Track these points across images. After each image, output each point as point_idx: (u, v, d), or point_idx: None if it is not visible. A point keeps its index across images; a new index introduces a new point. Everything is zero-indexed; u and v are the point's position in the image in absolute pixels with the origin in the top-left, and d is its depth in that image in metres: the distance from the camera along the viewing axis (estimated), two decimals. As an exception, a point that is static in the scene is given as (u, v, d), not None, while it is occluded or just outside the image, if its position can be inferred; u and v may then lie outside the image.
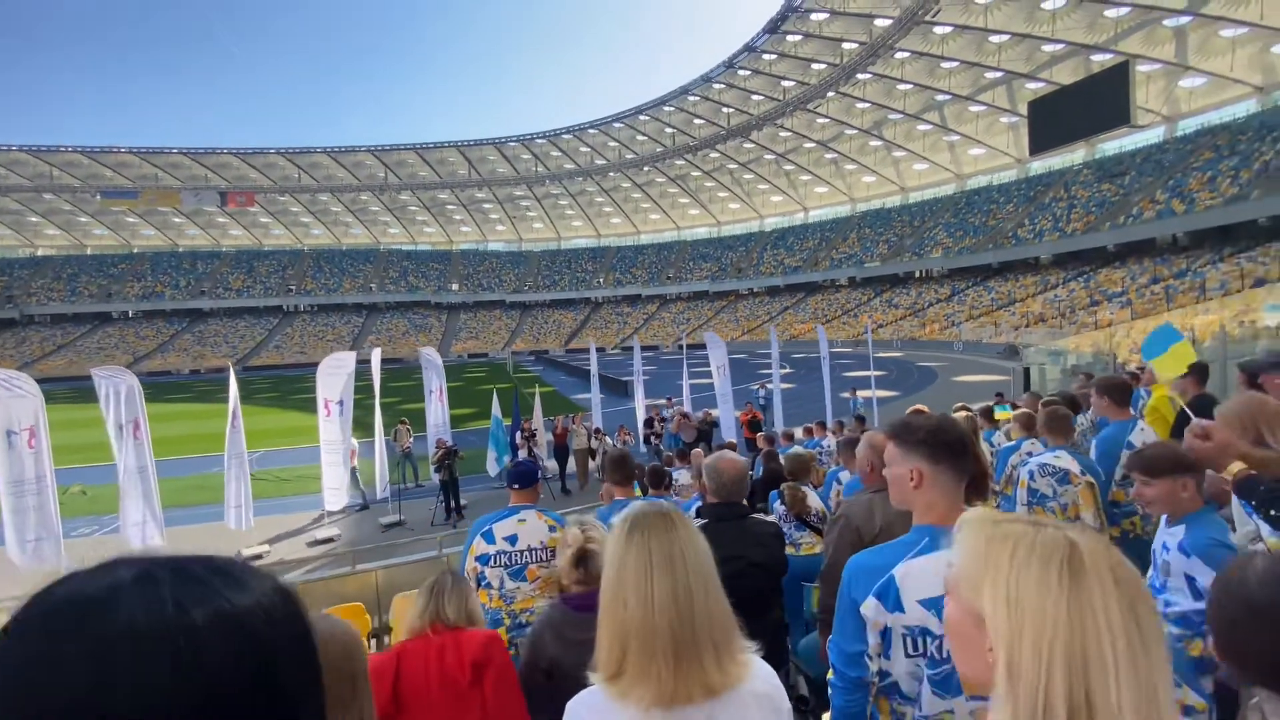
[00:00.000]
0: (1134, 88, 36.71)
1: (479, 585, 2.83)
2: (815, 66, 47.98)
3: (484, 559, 2.83)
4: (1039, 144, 43.85)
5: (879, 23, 41.39)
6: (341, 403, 9.25)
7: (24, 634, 0.38)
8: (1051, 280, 41.55)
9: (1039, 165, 50.98)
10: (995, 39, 40.49)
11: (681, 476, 6.47)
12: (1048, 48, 40.22)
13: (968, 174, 57.44)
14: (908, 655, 1.25)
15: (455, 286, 75.76)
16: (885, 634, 1.26)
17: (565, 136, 63.39)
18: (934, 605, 1.19)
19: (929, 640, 1.24)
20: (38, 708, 0.35)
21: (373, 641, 4.32)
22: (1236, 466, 1.48)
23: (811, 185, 67.16)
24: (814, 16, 42.49)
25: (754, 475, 4.36)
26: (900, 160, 58.90)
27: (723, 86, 52.90)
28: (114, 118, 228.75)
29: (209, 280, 69.95)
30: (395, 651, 1.77)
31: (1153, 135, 43.80)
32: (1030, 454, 3.38)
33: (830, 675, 1.36)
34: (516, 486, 2.93)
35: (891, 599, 1.27)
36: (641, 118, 58.84)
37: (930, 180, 60.40)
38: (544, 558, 2.86)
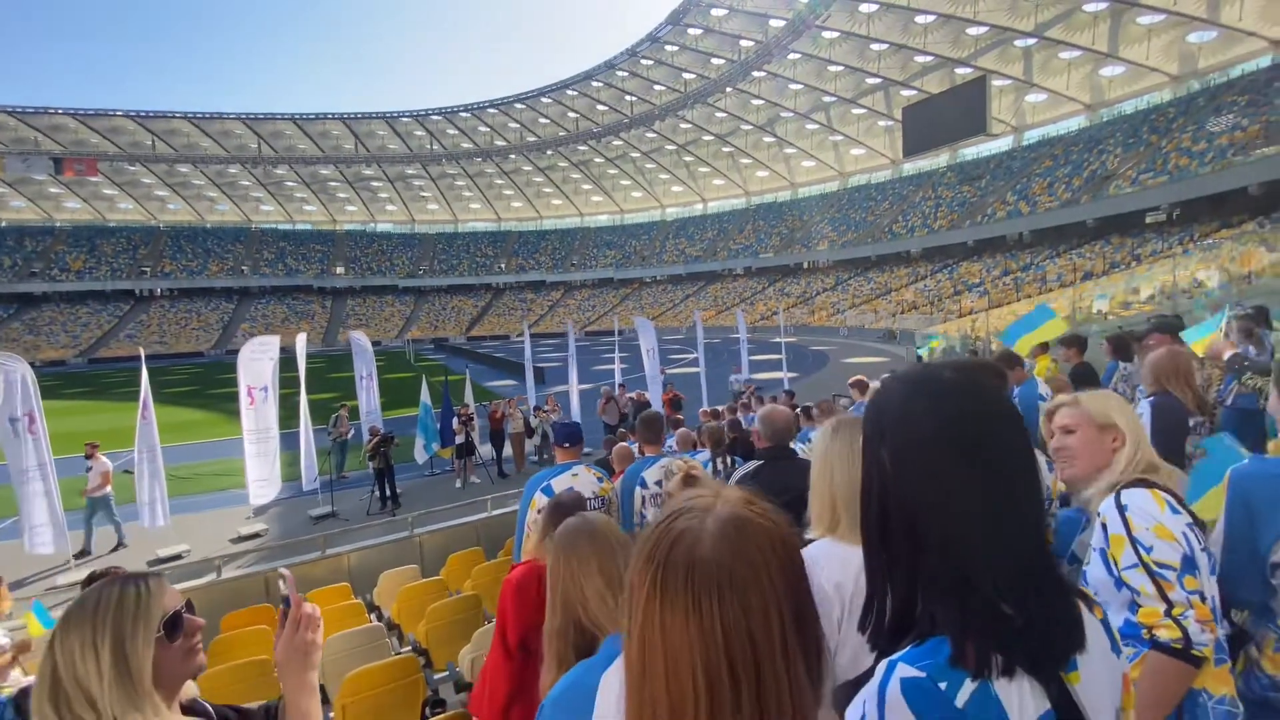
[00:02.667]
0: (990, 100, 41.25)
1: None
2: (714, 61, 49.52)
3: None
4: (911, 147, 48.10)
5: (774, 23, 43.47)
6: (266, 389, 8.74)
7: (892, 388, 0.80)
8: (921, 272, 45.86)
9: (910, 167, 55.73)
10: (875, 46, 43.81)
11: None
12: (919, 58, 44.08)
13: (849, 172, 61.67)
14: None
15: (340, 270, 71.01)
16: None
17: (463, 115, 61.07)
18: None
19: None
20: (919, 424, 0.74)
21: (373, 615, 4.37)
22: None
23: (710, 177, 69.32)
24: (714, 11, 43.82)
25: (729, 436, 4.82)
26: (790, 157, 62.22)
27: (626, 74, 53.25)
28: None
29: (40, 260, 60.68)
30: (535, 569, 2.03)
31: (1004, 144, 49.22)
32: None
33: None
34: (566, 445, 3.22)
35: None
36: (544, 100, 57.92)
37: (816, 177, 64.30)
38: (596, 506, 3.17)
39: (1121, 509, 1.30)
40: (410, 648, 3.58)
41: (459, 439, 10.67)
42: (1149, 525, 1.26)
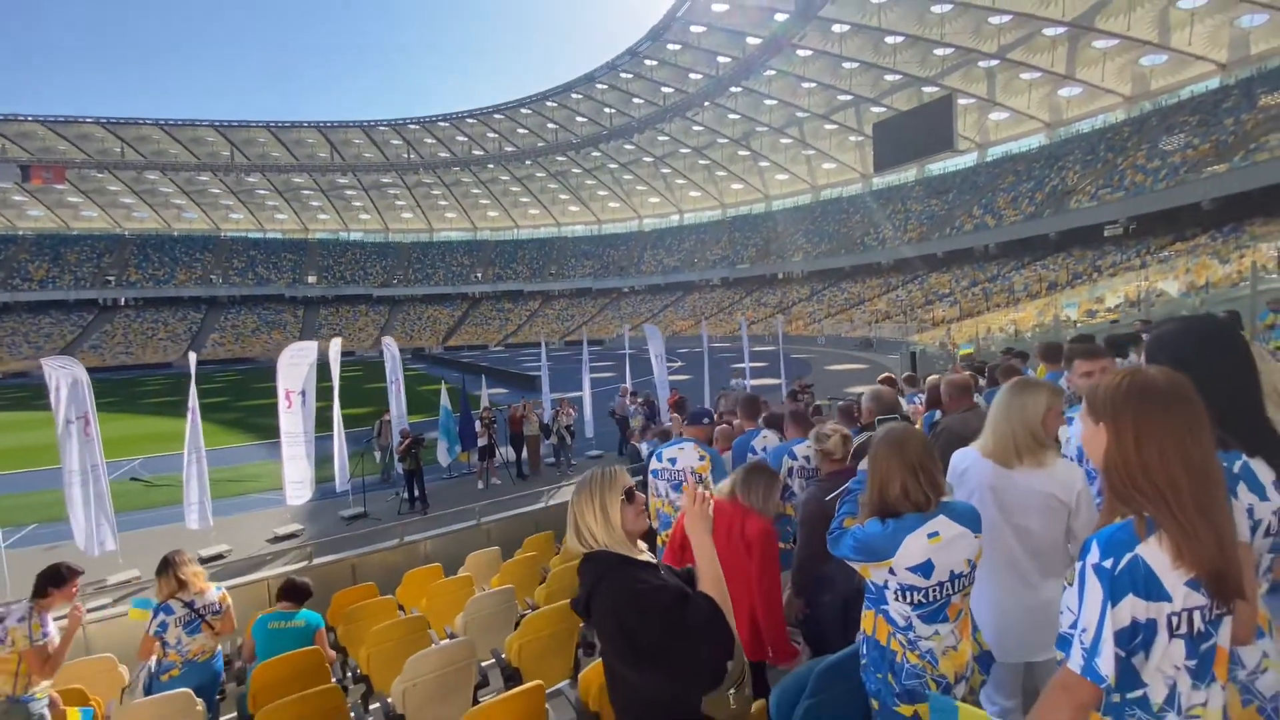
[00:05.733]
0: (955, 117, 43.05)
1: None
2: (693, 76, 50.63)
3: (655, 473, 3.65)
4: (881, 162, 49.75)
5: (751, 40, 44.77)
6: (304, 393, 8.98)
7: (1174, 338, 1.51)
8: (893, 282, 47.37)
9: (880, 181, 57.48)
10: (847, 65, 45.41)
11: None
12: (889, 77, 45.79)
13: (822, 185, 63.35)
14: None
15: (313, 279, 69.97)
16: None
17: (441, 124, 61.08)
18: None
19: None
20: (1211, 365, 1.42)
21: (477, 588, 4.77)
22: None
23: (686, 189, 70.44)
24: (693, 28, 44.94)
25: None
26: (765, 170, 63.71)
27: (605, 87, 54.04)
28: None
29: (1, 270, 58.54)
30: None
31: (969, 159, 51.21)
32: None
33: None
34: (687, 423, 3.71)
35: None
36: (523, 110, 58.34)
37: (790, 190, 65.90)
38: (693, 480, 3.66)
39: None
40: (529, 609, 4.01)
41: (481, 441, 11.00)
42: None
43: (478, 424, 10.97)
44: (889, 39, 41.64)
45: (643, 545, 1.66)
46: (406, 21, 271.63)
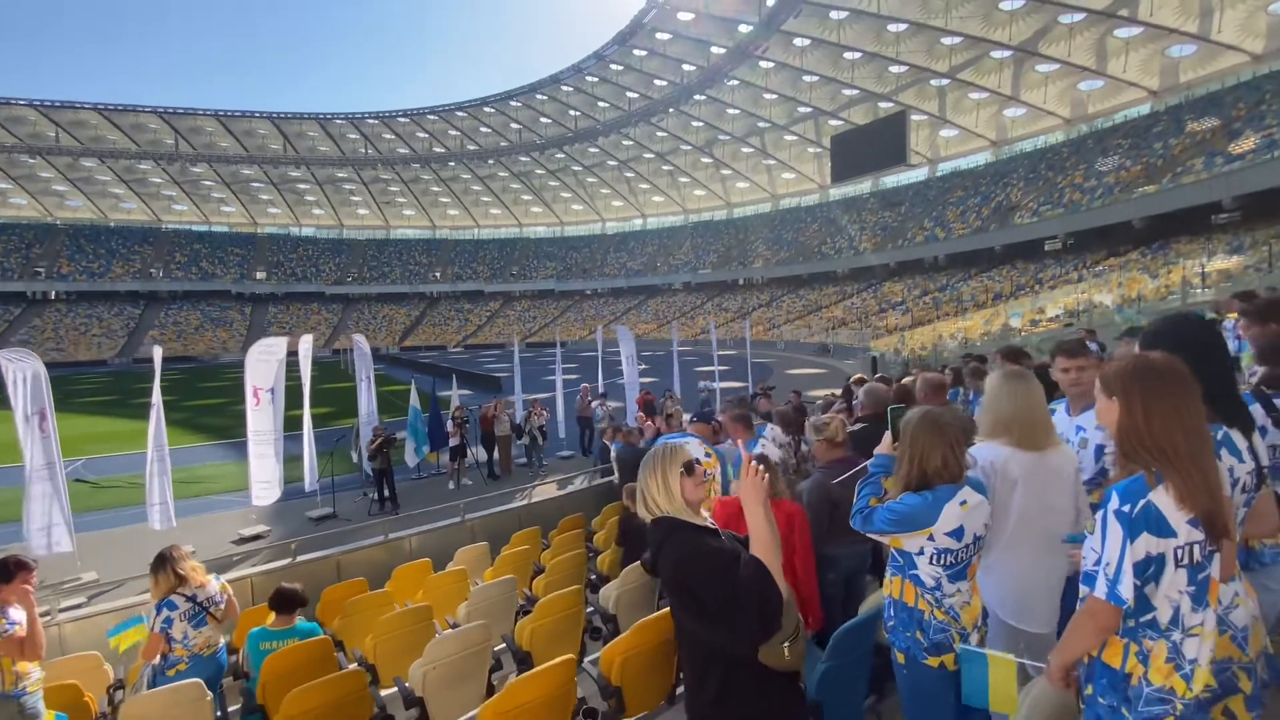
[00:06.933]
0: (909, 133, 44.70)
1: None
2: (657, 82, 51.12)
3: None
4: (839, 174, 51.21)
5: (715, 50, 45.53)
6: (273, 391, 8.78)
7: (1168, 332, 1.81)
8: (848, 290, 48.76)
9: (837, 192, 59.00)
10: (807, 78, 46.65)
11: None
12: (847, 91, 47.24)
13: (781, 195, 64.74)
14: None
15: (261, 275, 67.52)
16: None
17: (401, 120, 59.86)
18: None
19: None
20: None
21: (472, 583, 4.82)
22: None
23: (650, 194, 70.89)
24: (659, 35, 45.42)
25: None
26: (726, 177, 64.72)
27: (571, 90, 54.00)
28: None
29: (-87, 256, 54.53)
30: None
31: (920, 174, 53.13)
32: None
33: None
34: (693, 420, 3.87)
35: None
36: (487, 109, 57.74)
37: (751, 198, 67.10)
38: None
39: None
40: (527, 600, 4.11)
41: (454, 441, 10.93)
42: None
43: (450, 424, 10.90)
44: (847, 55, 42.97)
45: (704, 513, 1.83)
46: (370, 14, 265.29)
